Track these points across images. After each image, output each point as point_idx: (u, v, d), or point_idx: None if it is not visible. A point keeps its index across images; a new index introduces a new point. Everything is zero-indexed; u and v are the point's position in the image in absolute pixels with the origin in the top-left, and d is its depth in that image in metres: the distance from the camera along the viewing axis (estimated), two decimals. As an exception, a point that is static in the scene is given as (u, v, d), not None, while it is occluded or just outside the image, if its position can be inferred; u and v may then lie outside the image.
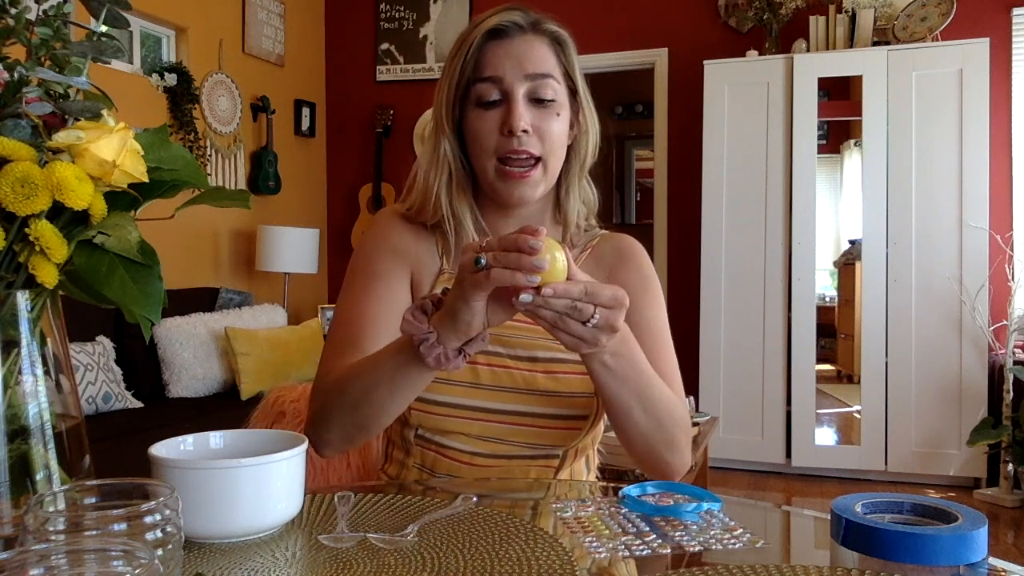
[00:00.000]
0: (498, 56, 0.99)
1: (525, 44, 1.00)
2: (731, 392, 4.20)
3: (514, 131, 0.97)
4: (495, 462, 1.04)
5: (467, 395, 1.01)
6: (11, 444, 0.64)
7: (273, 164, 4.83)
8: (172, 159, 0.72)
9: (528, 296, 0.75)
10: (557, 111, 1.01)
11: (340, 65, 5.44)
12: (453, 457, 1.04)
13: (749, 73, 4.21)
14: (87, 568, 0.49)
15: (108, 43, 0.68)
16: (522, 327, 1.03)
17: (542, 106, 1.00)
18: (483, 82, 0.99)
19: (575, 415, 1.02)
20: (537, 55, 1.00)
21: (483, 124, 0.99)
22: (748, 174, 4.19)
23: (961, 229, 3.86)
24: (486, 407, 1.02)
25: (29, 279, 0.64)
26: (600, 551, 0.70)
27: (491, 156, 1.00)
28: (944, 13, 3.96)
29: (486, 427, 1.02)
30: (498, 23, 0.99)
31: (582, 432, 1.03)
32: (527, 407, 1.01)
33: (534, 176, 1.00)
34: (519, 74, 0.98)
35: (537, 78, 0.99)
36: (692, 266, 4.35)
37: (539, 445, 1.04)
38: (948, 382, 3.88)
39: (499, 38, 1.00)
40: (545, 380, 1.01)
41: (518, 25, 1.00)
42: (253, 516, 0.72)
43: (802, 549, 0.81)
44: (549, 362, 1.02)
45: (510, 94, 0.98)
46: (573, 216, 1.08)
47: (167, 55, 4.37)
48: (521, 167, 0.99)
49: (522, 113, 0.98)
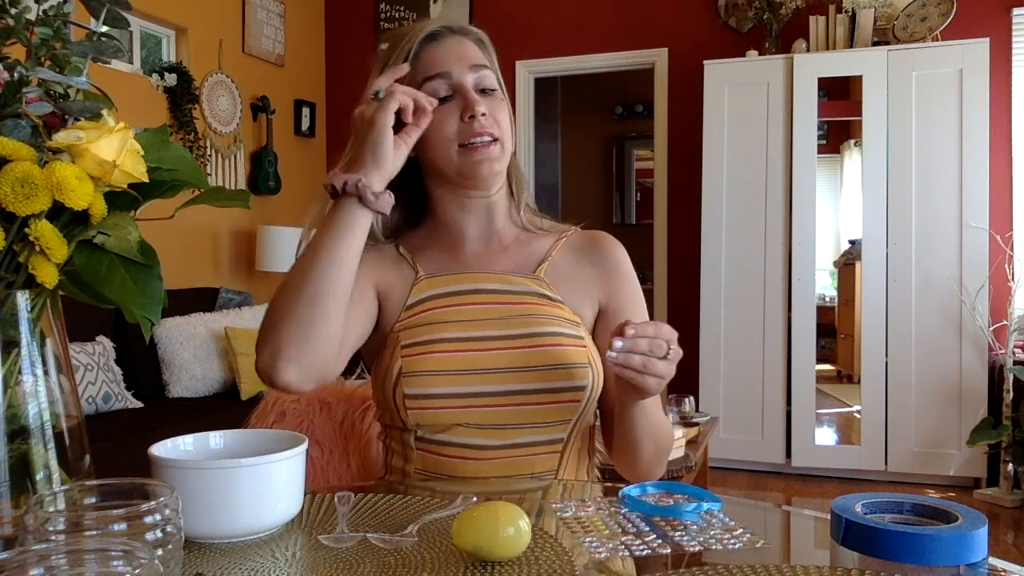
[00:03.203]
0: (440, 55, 1.05)
1: (458, 43, 1.07)
2: (731, 392, 4.21)
3: (475, 114, 1.02)
4: (498, 454, 1.03)
5: (462, 382, 1.01)
6: (11, 444, 0.64)
7: (273, 164, 4.83)
8: (172, 159, 0.72)
9: (619, 342, 0.84)
10: (501, 98, 1.07)
11: (340, 65, 5.44)
12: (455, 455, 1.03)
13: (749, 73, 4.21)
14: (87, 568, 0.49)
15: (108, 43, 0.68)
16: (504, 308, 1.06)
17: (489, 95, 1.05)
18: (432, 79, 1.04)
19: (573, 386, 1.02)
20: (472, 51, 1.07)
21: (440, 116, 1.03)
22: (748, 174, 4.19)
23: (961, 229, 3.86)
24: (482, 391, 1.02)
25: (29, 279, 0.64)
26: (600, 551, 0.70)
27: (452, 143, 1.04)
28: (944, 13, 3.96)
29: (485, 413, 1.02)
30: (432, 29, 1.07)
31: (582, 403, 1.03)
32: (523, 384, 1.02)
33: (495, 150, 1.04)
34: (464, 66, 1.04)
35: (479, 68, 1.05)
36: (692, 266, 4.35)
37: (542, 424, 1.03)
38: (948, 382, 3.88)
39: (434, 41, 1.06)
40: (536, 355, 1.02)
41: (449, 29, 1.08)
42: (253, 516, 0.72)
43: (802, 549, 0.81)
44: (538, 336, 1.03)
45: (461, 85, 1.04)
46: (518, 191, 1.14)
47: (167, 55, 4.37)
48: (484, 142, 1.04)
49: (478, 98, 1.03)
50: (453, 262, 1.11)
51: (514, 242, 1.13)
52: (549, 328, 1.04)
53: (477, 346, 1.03)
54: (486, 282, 1.08)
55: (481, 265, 1.10)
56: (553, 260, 1.12)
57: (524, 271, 1.10)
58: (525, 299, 1.07)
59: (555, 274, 1.11)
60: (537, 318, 1.05)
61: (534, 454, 1.04)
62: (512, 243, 1.13)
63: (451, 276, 1.09)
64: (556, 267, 1.11)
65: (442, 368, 1.01)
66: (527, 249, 1.13)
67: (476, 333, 1.04)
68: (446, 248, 1.12)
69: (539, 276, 1.10)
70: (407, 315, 1.07)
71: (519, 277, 1.09)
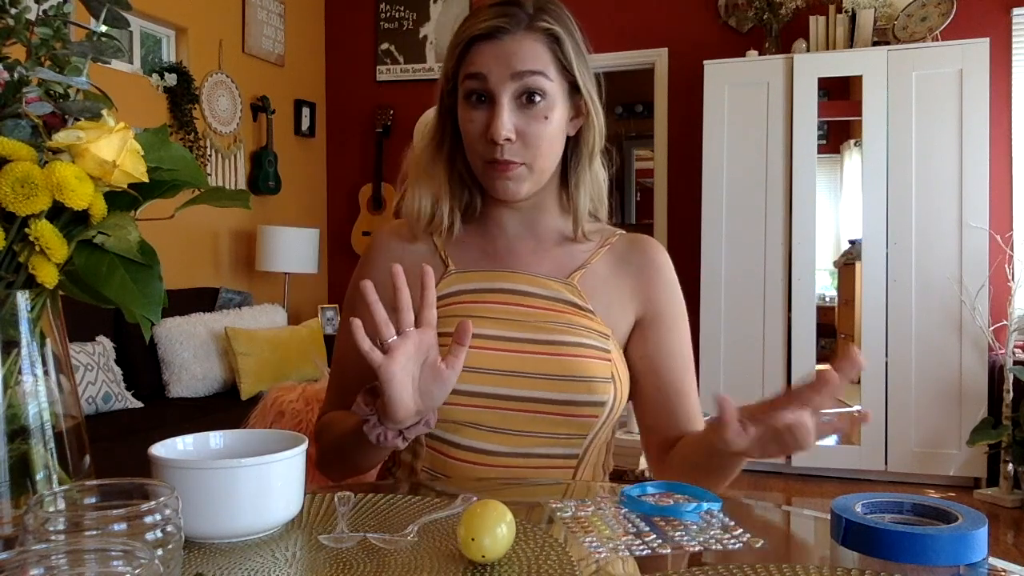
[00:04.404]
0: (485, 55, 0.98)
1: (515, 44, 0.98)
2: (731, 392, 4.10)
3: (496, 140, 0.97)
4: (509, 462, 1.00)
5: (480, 381, 0.98)
6: (11, 444, 0.64)
7: (273, 164, 4.83)
8: (172, 159, 0.72)
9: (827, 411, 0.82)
10: (546, 113, 0.99)
11: (340, 65, 5.44)
12: (465, 459, 1.00)
13: (749, 73, 4.21)
14: (87, 568, 0.49)
15: (108, 43, 0.68)
16: (531, 311, 1.02)
17: (530, 106, 0.98)
18: (470, 78, 0.99)
19: (592, 401, 0.99)
20: (528, 53, 0.98)
21: (470, 126, 1.00)
22: (748, 174, 4.19)
23: (961, 229, 3.86)
24: (500, 393, 0.98)
25: (29, 279, 0.64)
26: (600, 551, 0.70)
27: (478, 157, 1.01)
28: (944, 13, 3.96)
29: (501, 416, 0.99)
30: (488, 27, 0.98)
31: (600, 419, 1.00)
32: (538, 392, 0.98)
33: (515, 171, 1.00)
34: (505, 74, 0.97)
35: (526, 75, 0.97)
36: (692, 266, 4.35)
37: (558, 436, 1.00)
38: (948, 382, 3.87)
39: (489, 39, 0.98)
40: (556, 364, 0.99)
41: (512, 25, 0.98)
42: (253, 516, 0.72)
43: (802, 549, 0.81)
44: (562, 345, 1.00)
45: (495, 97, 0.98)
46: (583, 208, 1.08)
47: (167, 55, 4.37)
48: (504, 164, 0.99)
49: (505, 121, 0.96)
50: (487, 259, 1.08)
51: (555, 245, 1.09)
52: (574, 338, 1.00)
53: (496, 345, 1.00)
54: (516, 282, 1.05)
55: (515, 264, 1.07)
56: (592, 267, 1.08)
57: (558, 276, 1.06)
58: (554, 305, 1.03)
59: (591, 282, 1.06)
60: (562, 326, 1.01)
61: (547, 467, 1.01)
62: (553, 246, 1.09)
63: (482, 272, 1.06)
64: (594, 275, 1.07)
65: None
66: (567, 254, 1.08)
67: (498, 332, 1.00)
68: (484, 243, 1.09)
69: (571, 283, 1.06)
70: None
71: (552, 281, 1.05)
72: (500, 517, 0.67)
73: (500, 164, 0.99)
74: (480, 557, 0.66)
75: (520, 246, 1.09)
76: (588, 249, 1.09)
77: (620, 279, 1.08)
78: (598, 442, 1.04)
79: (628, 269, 1.09)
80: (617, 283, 1.08)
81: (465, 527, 0.66)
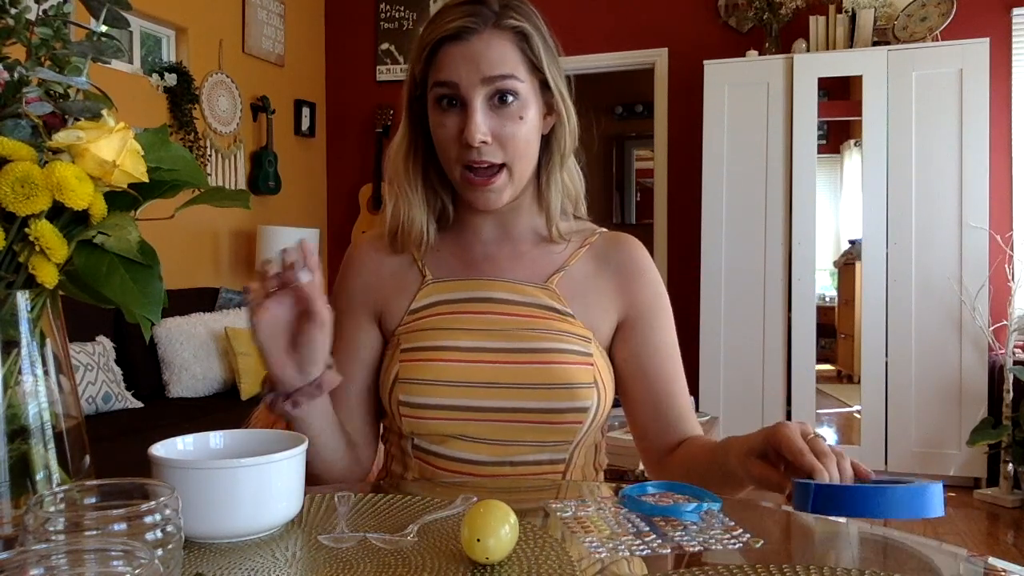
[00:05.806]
0: (454, 58, 0.95)
1: (483, 44, 0.95)
2: (731, 392, 4.20)
3: (471, 143, 0.95)
4: (497, 471, 1.00)
5: (463, 395, 0.98)
6: (11, 444, 0.64)
7: (273, 164, 4.83)
8: (172, 159, 0.72)
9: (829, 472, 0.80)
10: (520, 113, 0.97)
11: (340, 65, 5.44)
12: (454, 469, 1.00)
13: (749, 73, 4.21)
14: (87, 568, 0.49)
15: (108, 43, 0.68)
16: (510, 319, 1.01)
17: (503, 108, 0.96)
18: (440, 85, 0.97)
19: (575, 407, 0.98)
20: (496, 54, 0.95)
21: (443, 131, 0.98)
22: (748, 174, 4.19)
23: (961, 229, 3.86)
24: (483, 406, 0.98)
25: (29, 279, 0.64)
26: (600, 551, 0.70)
27: (455, 164, 0.98)
28: (944, 13, 3.96)
29: (482, 428, 0.98)
30: (455, 28, 0.95)
31: (585, 425, 0.99)
32: (521, 402, 0.98)
33: (498, 182, 0.98)
34: (476, 79, 0.95)
35: (496, 80, 0.95)
36: (692, 266, 4.35)
37: (544, 443, 1.00)
38: (948, 382, 3.87)
39: (457, 40, 0.95)
40: (537, 372, 0.98)
41: (474, 25, 0.95)
42: (253, 516, 0.72)
43: (802, 549, 0.81)
44: (542, 352, 0.99)
45: (467, 102, 0.95)
46: (555, 208, 1.06)
47: (167, 55, 4.37)
48: (484, 175, 0.97)
49: (479, 124, 0.94)
50: (464, 267, 1.07)
51: (533, 249, 1.07)
52: (554, 344, 0.99)
53: (476, 357, 0.99)
54: (494, 290, 1.03)
55: (492, 271, 1.05)
56: (570, 269, 1.06)
57: (536, 280, 1.04)
58: (533, 311, 1.02)
59: (570, 285, 1.05)
60: (542, 332, 1.00)
61: (534, 473, 1.01)
62: (530, 250, 1.07)
63: (459, 282, 1.05)
64: (572, 277, 1.05)
65: (438, 378, 0.98)
66: (545, 257, 1.07)
67: (477, 343, 0.99)
68: (461, 251, 1.08)
69: (550, 287, 1.04)
70: (410, 319, 1.04)
71: (529, 287, 1.04)
72: (504, 518, 0.66)
73: (480, 173, 0.97)
74: (485, 559, 0.66)
75: (497, 251, 1.07)
76: (567, 250, 1.07)
77: (600, 280, 1.06)
78: (584, 445, 1.04)
79: (608, 269, 1.07)
80: (597, 284, 1.06)
81: (469, 528, 0.66)
